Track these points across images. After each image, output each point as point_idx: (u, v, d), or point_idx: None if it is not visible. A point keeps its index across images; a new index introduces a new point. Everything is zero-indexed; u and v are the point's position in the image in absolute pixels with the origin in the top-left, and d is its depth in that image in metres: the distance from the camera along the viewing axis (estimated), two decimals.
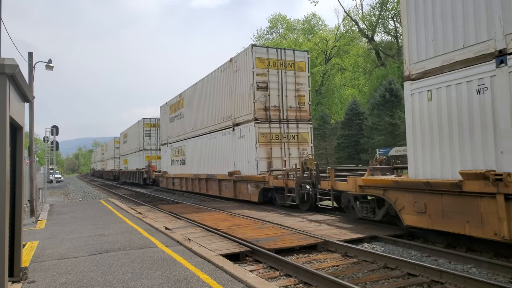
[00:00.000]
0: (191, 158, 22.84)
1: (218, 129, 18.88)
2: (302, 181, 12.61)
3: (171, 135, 26.88)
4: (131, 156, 40.30)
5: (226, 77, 18.10)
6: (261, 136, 15.48)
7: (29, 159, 15.17)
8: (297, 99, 16.24)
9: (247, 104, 15.98)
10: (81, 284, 5.46)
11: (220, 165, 18.56)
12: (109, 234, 9.23)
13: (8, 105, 4.48)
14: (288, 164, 15.73)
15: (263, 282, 5.24)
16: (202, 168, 20.89)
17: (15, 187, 5.45)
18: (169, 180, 27.11)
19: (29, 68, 15.23)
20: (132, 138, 40.69)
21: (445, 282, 5.74)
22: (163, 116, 29.67)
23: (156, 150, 35.72)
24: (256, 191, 15.28)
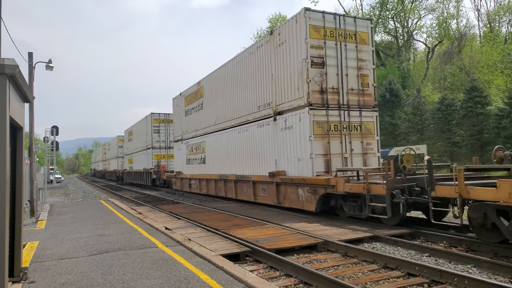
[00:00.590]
0: (214, 156, 19.57)
1: (252, 120, 15.57)
2: (396, 185, 9.16)
3: (187, 130, 23.57)
4: (137, 155, 37.63)
5: (264, 55, 14.74)
6: (317, 127, 12.07)
7: (29, 159, 15.17)
8: (359, 79, 12.93)
9: (296, 85, 12.59)
10: (81, 284, 5.46)
11: (255, 164, 15.29)
12: (109, 234, 9.23)
13: (8, 105, 4.48)
14: (350, 163, 12.57)
15: (263, 282, 5.24)
16: (229, 168, 17.63)
17: (15, 187, 5.45)
18: (185, 182, 23.98)
19: (29, 68, 15.24)
20: (138, 135, 37.87)
21: (445, 282, 5.74)
22: (176, 109, 26.04)
23: (166, 148, 32.90)
24: (312, 197, 11.79)
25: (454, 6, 43.97)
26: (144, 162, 34.52)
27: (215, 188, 19.44)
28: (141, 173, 35.45)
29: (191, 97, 23.23)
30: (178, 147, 25.40)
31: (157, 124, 33.01)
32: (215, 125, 19.30)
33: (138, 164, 36.94)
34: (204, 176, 20.69)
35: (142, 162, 35.14)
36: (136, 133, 38.85)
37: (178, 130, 25.47)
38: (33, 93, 13.44)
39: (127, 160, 43.98)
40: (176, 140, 25.84)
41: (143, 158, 34.83)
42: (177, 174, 25.15)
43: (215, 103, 19.49)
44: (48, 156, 38.87)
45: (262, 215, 12.24)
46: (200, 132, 21.40)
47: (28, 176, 14.64)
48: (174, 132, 26.89)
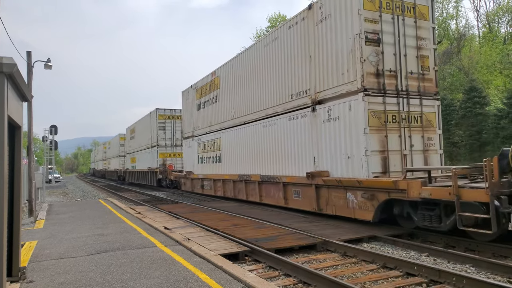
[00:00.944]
0: (231, 153, 17.41)
1: (282, 112, 13.48)
2: (503, 190, 7.03)
3: (199, 125, 21.43)
4: (141, 154, 35.59)
5: (299, 35, 12.52)
6: (372, 117, 10.02)
7: (27, 158, 15.14)
8: (419, 61, 10.88)
9: (345, 67, 10.49)
10: (80, 283, 5.45)
11: (285, 162, 13.21)
12: (108, 234, 9.22)
13: (6, 104, 4.46)
14: (410, 161, 10.46)
15: (262, 282, 5.23)
16: (251, 167, 15.53)
17: (13, 186, 5.43)
18: (196, 182, 21.68)
19: (28, 67, 15.21)
20: (142, 132, 35.58)
21: (444, 281, 5.74)
22: (186, 103, 23.78)
23: (172, 146, 30.88)
24: (369, 204, 9.60)
25: (454, 7, 43.99)
26: (148, 161, 32.59)
27: (233, 190, 17.24)
28: (145, 172, 33.56)
29: (204, 89, 20.97)
30: (188, 144, 23.17)
31: (162, 121, 30.80)
32: (234, 119, 17.22)
33: (142, 163, 35.09)
34: (219, 176, 18.49)
35: (146, 161, 33.20)
36: (139, 130, 36.86)
37: (189, 126, 23.21)
38: (31, 92, 13.41)
39: (129, 159, 42.02)
40: (186, 137, 23.70)
41: (147, 156, 32.99)
42: (187, 174, 22.99)
43: (234, 94, 17.32)
44: (46, 156, 38.62)
45: (262, 215, 12.23)
46: (215, 128, 19.27)
47: (26, 175, 14.61)
48: (183, 128, 24.82)
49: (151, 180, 31.51)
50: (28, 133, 14.86)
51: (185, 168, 24.24)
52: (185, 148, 24.31)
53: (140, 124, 36.75)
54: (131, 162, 40.72)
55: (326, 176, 11.10)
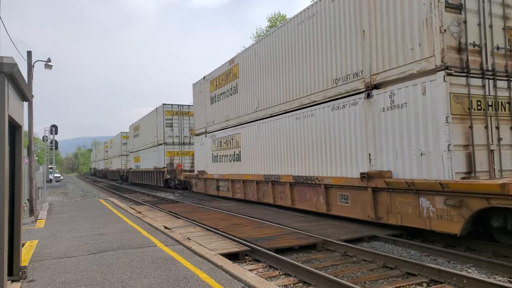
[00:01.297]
0: (254, 151, 15.35)
1: (322, 101, 11.41)
2: None
3: (213, 120, 19.56)
4: (146, 153, 33.84)
5: (348, 6, 10.47)
6: (455, 102, 8.05)
7: (28, 158, 15.16)
8: (506, 34, 8.89)
9: (416, 40, 8.51)
10: (80, 283, 5.46)
11: (330, 161, 11.09)
12: (108, 233, 9.23)
13: (7, 104, 4.47)
14: (498, 158, 8.42)
15: (262, 282, 5.24)
16: (279, 166, 13.54)
17: (14, 186, 5.44)
18: (210, 183, 19.60)
19: (28, 67, 15.22)
20: (147, 130, 33.88)
21: (444, 281, 5.74)
22: (198, 96, 21.75)
23: (180, 144, 29.19)
24: (456, 213, 7.48)
25: None
26: (154, 160, 30.76)
27: (256, 192, 15.10)
28: (151, 172, 31.77)
29: (219, 80, 18.80)
30: (201, 141, 21.21)
31: (169, 117, 29.04)
32: (256, 112, 15.17)
33: (147, 162, 33.34)
34: (239, 177, 16.41)
35: (152, 160, 31.33)
36: (144, 128, 35.03)
37: (201, 121, 21.27)
38: (32, 92, 13.41)
39: (132, 158, 40.21)
40: (198, 133, 21.77)
41: (153, 155, 31.25)
42: (199, 174, 20.79)
43: (257, 84, 15.24)
44: (47, 155, 38.56)
45: (261, 214, 12.24)
46: (233, 122, 17.21)
47: (27, 175, 14.63)
48: (195, 124, 22.87)
49: (158, 180, 29.87)
50: (28, 132, 14.87)
51: (196, 167, 22.17)
52: (196, 146, 22.25)
53: (145, 121, 35.04)
54: (134, 162, 38.95)
55: (388, 177, 8.94)
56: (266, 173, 14.41)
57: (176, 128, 29.27)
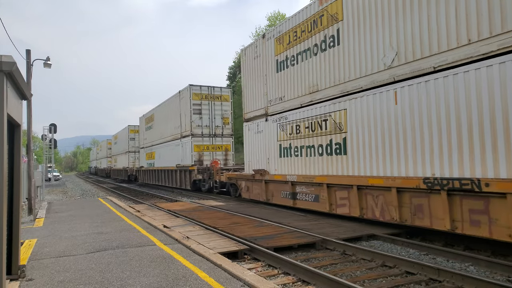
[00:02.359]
0: (383, 136, 9.41)
1: None
2: None
3: (282, 96, 13.80)
4: (164, 148, 28.38)
5: None
6: None
7: (27, 157, 15.14)
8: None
9: None
10: (79, 281, 5.46)
11: None
12: (107, 232, 9.22)
13: (6, 102, 4.46)
14: None
15: (261, 280, 5.24)
16: (463, 161, 7.49)
17: (13, 185, 5.43)
18: (277, 188, 13.85)
19: (27, 66, 15.19)
20: (165, 120, 28.43)
21: (443, 280, 5.75)
22: (251, 64, 16.02)
23: (210, 136, 23.81)
24: None
25: None
26: (175, 156, 25.47)
27: (396, 209, 8.77)
28: (171, 172, 26.20)
29: (296, 33, 12.85)
30: (256, 128, 15.52)
31: (198, 102, 23.35)
32: (393, 69, 9.10)
33: (166, 159, 27.67)
34: (345, 180, 10.44)
35: (173, 157, 25.97)
36: (161, 117, 29.28)
37: (256, 100, 15.52)
38: (31, 91, 13.40)
39: (144, 154, 35.02)
40: (252, 117, 15.91)
41: (175, 150, 25.83)
42: (258, 173, 14.90)
43: (392, 19, 9.18)
44: (46, 154, 38.35)
45: (260, 213, 12.24)
46: (328, 94, 11.31)
47: (26, 174, 14.61)
48: (245, 105, 16.48)
49: (182, 181, 24.22)
50: (27, 131, 14.86)
51: (249, 165, 16.00)
52: (249, 135, 16.17)
53: (162, 109, 29.03)
54: (147, 159, 33.57)
55: None
56: (428, 174, 8.15)
57: (205, 116, 23.67)
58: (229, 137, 24.79)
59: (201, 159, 23.28)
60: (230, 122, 24.78)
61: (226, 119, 24.64)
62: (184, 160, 24.16)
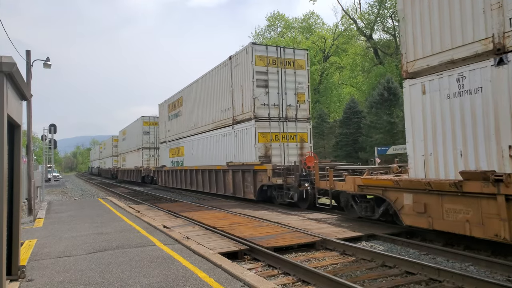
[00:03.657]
0: None
1: None
2: None
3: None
4: (201, 140, 21.25)
5: None
6: None
7: (27, 157, 15.13)
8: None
9: None
10: (79, 282, 5.45)
11: None
12: (107, 233, 9.22)
13: (6, 103, 4.46)
14: None
15: (261, 281, 5.24)
16: None
17: (13, 185, 5.43)
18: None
19: (27, 66, 15.18)
20: (203, 102, 21.26)
21: (443, 280, 5.75)
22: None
23: (280, 120, 16.39)
24: None
25: None
26: (223, 151, 18.57)
27: None
28: (217, 173, 19.00)
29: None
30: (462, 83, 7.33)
31: (263, 69, 16.14)
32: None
33: (205, 155, 20.67)
34: None
35: (217, 151, 19.20)
36: (196, 99, 22.33)
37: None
38: (31, 91, 13.40)
39: (166, 151, 27.99)
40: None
41: (222, 143, 18.84)
42: (475, 177, 6.61)
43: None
44: (46, 154, 38.27)
45: (260, 213, 12.24)
46: None
47: (26, 174, 14.60)
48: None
49: (239, 187, 16.77)
50: (27, 132, 14.85)
51: (429, 161, 7.89)
52: (429, 101, 7.96)
53: (198, 87, 21.95)
54: (172, 156, 26.49)
55: None
56: None
57: (273, 90, 16.19)
58: (305, 121, 17.00)
59: (268, 154, 15.87)
60: (306, 100, 16.99)
61: (302, 95, 16.94)
62: (241, 156, 16.84)
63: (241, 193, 16.66)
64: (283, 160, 16.07)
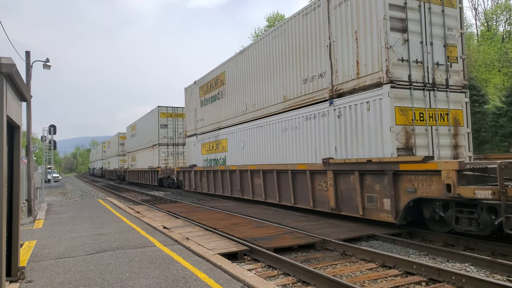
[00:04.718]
0: None
1: None
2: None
3: None
4: (258, 129, 15.41)
5: None
6: None
7: (26, 158, 15.12)
8: None
9: None
10: (79, 283, 5.45)
11: None
12: (107, 234, 9.21)
13: (5, 104, 4.46)
14: None
15: (261, 281, 5.24)
16: None
17: (12, 186, 5.43)
18: None
19: (27, 67, 15.18)
20: (275, 67, 14.25)
21: (443, 280, 5.75)
22: None
23: (425, 87, 9.95)
24: None
25: None
26: (320, 140, 11.86)
27: None
28: (315, 175, 11.64)
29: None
30: None
31: (400, 1, 9.87)
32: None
33: (283, 149, 13.67)
34: None
35: (315, 140, 12.11)
36: (247, 73, 16.46)
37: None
38: (30, 92, 13.40)
39: (197, 146, 21.93)
40: None
41: (318, 128, 11.95)
42: None
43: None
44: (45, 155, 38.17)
45: (260, 214, 12.24)
46: None
47: (25, 175, 14.58)
48: None
49: (350, 198, 10.26)
50: (27, 133, 14.84)
51: None
52: None
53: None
54: (205, 152, 20.78)
55: None
56: None
57: (415, 38, 10.10)
58: (459, 91, 10.75)
59: (410, 144, 9.63)
60: (460, 57, 10.85)
61: (453, 49, 10.76)
62: (354, 148, 10.59)
63: (355, 209, 10.11)
64: (432, 153, 9.83)
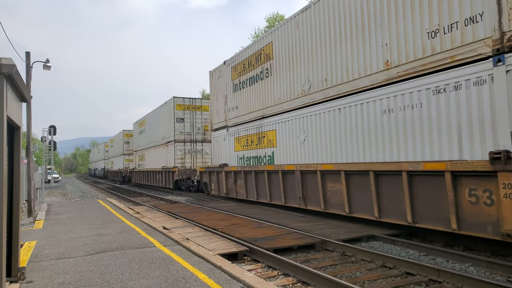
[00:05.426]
0: None
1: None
2: None
3: None
4: (327, 115, 10.96)
5: None
6: None
7: (26, 159, 15.13)
8: None
9: None
10: (79, 284, 5.45)
11: None
12: (107, 234, 9.21)
13: (6, 104, 4.47)
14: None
15: (261, 282, 5.24)
16: None
17: (12, 187, 5.43)
18: None
19: (27, 68, 15.19)
20: (376, 18, 9.14)
21: (443, 281, 5.75)
22: None
23: None
24: None
25: None
26: None
27: None
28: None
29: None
30: None
31: None
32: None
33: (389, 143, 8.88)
34: None
35: None
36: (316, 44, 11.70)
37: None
38: (30, 93, 13.41)
39: (230, 140, 17.39)
40: None
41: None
42: None
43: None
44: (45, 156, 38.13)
45: (260, 214, 12.24)
46: None
47: (25, 175, 14.60)
48: None
49: None
50: (27, 133, 14.85)
51: None
52: None
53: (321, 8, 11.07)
54: (240, 149, 16.38)
55: None
56: None
57: None
58: None
59: None
60: None
61: None
62: None
63: None
64: None
